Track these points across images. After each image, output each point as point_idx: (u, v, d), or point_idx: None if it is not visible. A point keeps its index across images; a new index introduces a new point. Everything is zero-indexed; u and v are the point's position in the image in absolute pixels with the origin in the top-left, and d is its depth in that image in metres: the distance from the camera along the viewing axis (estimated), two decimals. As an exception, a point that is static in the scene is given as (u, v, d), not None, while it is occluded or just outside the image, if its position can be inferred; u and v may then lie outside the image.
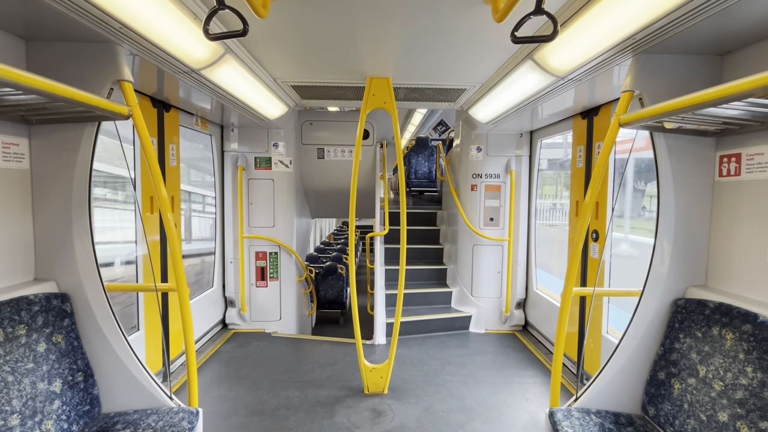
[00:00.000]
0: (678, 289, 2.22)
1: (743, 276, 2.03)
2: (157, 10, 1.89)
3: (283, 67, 3.14)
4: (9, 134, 2.01)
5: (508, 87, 3.18)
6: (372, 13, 2.14)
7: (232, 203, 4.94)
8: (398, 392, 3.50)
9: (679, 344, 2.08)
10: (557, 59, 2.46)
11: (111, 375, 2.20)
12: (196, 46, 2.32)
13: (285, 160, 5.04)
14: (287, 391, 3.48)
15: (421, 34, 2.42)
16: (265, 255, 5.06)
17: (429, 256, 6.05)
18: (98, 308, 2.17)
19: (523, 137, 4.97)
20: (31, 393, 1.83)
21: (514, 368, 4.00)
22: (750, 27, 1.84)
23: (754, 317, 1.77)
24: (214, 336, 4.80)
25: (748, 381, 1.72)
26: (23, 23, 1.92)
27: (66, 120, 2.08)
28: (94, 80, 2.07)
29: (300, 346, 4.54)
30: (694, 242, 2.22)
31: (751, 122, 1.88)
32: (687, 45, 2.05)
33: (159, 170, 2.18)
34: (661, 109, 1.77)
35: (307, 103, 4.45)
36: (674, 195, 2.18)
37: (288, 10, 2.12)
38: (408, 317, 4.83)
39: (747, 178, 2.01)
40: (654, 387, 2.15)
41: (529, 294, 5.05)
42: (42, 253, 2.16)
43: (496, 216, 5.08)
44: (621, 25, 1.89)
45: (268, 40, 2.58)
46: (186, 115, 4.06)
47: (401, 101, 4.15)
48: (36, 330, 1.92)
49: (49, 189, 2.13)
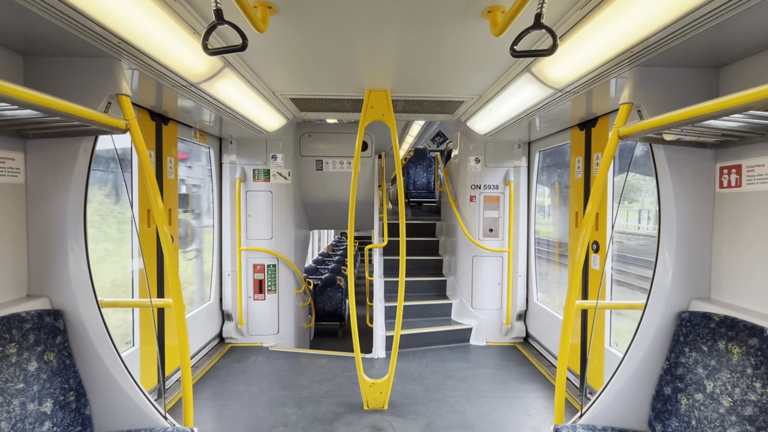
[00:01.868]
0: (682, 302, 2.19)
1: (747, 288, 2.01)
2: (156, 25, 1.89)
3: (282, 81, 3.15)
4: (4, 149, 1.99)
5: (506, 99, 3.19)
6: (370, 27, 2.15)
7: (230, 215, 4.91)
8: (398, 408, 3.43)
9: (684, 358, 2.04)
10: (555, 72, 2.47)
11: (104, 394, 2.14)
12: (195, 60, 2.32)
13: (283, 172, 5.03)
14: (285, 407, 3.40)
15: (419, 47, 2.43)
16: (263, 267, 5.01)
17: (428, 267, 6.00)
18: (92, 325, 2.12)
19: (521, 148, 4.98)
20: (21, 414, 1.77)
21: (516, 382, 3.94)
22: (745, 41, 1.86)
23: (761, 331, 1.74)
24: (211, 351, 4.72)
25: (757, 397, 1.69)
26: (22, 39, 1.92)
27: (62, 134, 2.06)
28: (91, 94, 2.06)
29: (298, 361, 4.47)
30: (696, 254, 2.20)
31: (750, 134, 1.88)
32: (684, 58, 2.07)
33: (156, 184, 2.15)
34: (660, 121, 1.77)
35: (306, 116, 4.46)
36: (675, 207, 2.16)
37: (287, 24, 2.12)
38: (408, 330, 4.76)
39: (748, 189, 2.00)
40: (660, 402, 2.10)
41: (530, 305, 5.01)
42: (35, 268, 2.12)
43: (496, 227, 5.07)
44: (619, 39, 1.90)
45: (267, 54, 2.59)
46: (184, 128, 4.06)
47: (399, 113, 4.16)
48: (27, 348, 1.87)
49: (44, 204, 2.10)
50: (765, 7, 1.53)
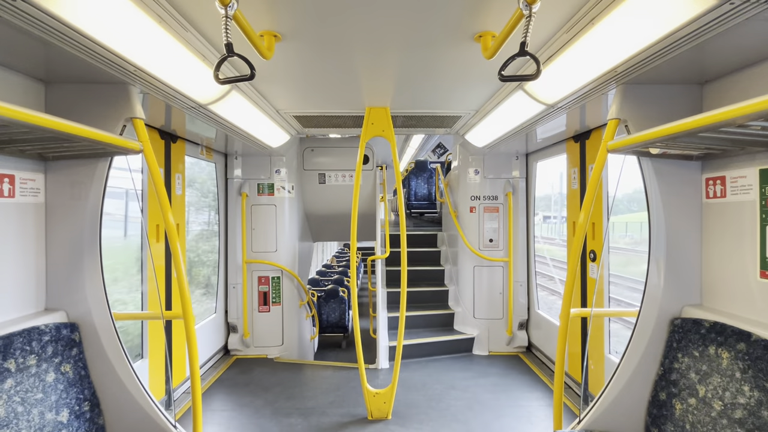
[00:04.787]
0: (674, 309, 2.26)
1: (735, 295, 2.08)
2: (170, 53, 2.03)
3: (286, 100, 3.29)
4: (27, 170, 2.11)
5: (502, 114, 3.31)
6: (369, 51, 2.28)
7: (235, 229, 5.02)
8: (402, 418, 3.47)
9: (677, 364, 2.11)
10: (545, 90, 2.59)
11: (117, 404, 2.22)
12: (205, 84, 2.46)
13: (287, 186, 5.16)
14: (290, 418, 3.45)
15: (416, 68, 2.56)
16: (267, 280, 5.10)
17: (430, 277, 6.07)
18: (106, 337, 2.21)
19: (519, 159, 5.09)
20: (39, 423, 1.86)
21: (519, 391, 3.97)
22: (725, 59, 1.97)
23: (748, 336, 1.81)
24: (217, 362, 4.78)
25: (746, 400, 1.75)
26: (44, 69, 2.06)
27: (80, 156, 2.19)
28: (108, 118, 2.19)
29: (303, 372, 4.52)
30: (687, 262, 2.28)
31: (731, 147, 1.98)
32: (668, 75, 2.18)
33: (167, 201, 2.27)
34: (645, 136, 1.86)
35: (309, 131, 4.60)
36: (664, 217, 2.25)
37: (291, 50, 2.26)
38: (410, 340, 4.82)
39: (732, 199, 2.08)
40: (656, 408, 2.16)
41: (531, 315, 5.05)
42: (53, 283, 2.22)
43: (496, 237, 5.15)
44: (602, 60, 2.01)
45: (273, 78, 2.73)
46: (192, 145, 4.20)
47: (399, 128, 4.29)
48: (45, 360, 1.97)
49: (62, 221, 2.22)
50: (740, 29, 1.63)
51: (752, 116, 1.35)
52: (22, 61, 1.97)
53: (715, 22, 1.50)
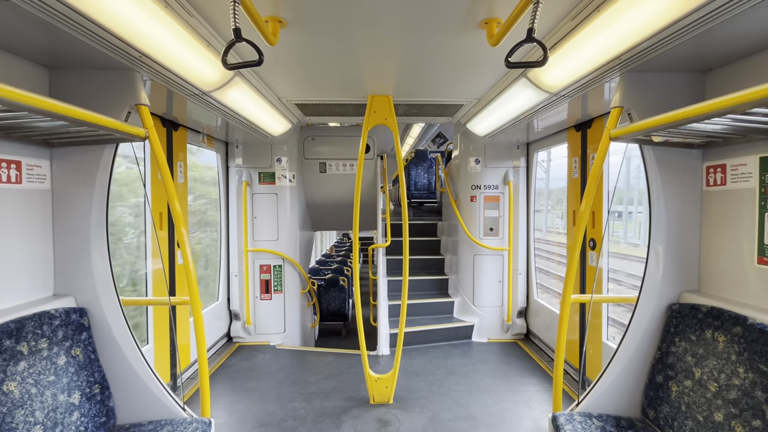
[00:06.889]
0: (672, 295, 2.31)
1: (733, 281, 2.12)
2: (174, 39, 2.02)
3: (288, 87, 3.28)
4: (33, 157, 2.12)
5: (504, 103, 3.32)
6: (373, 37, 2.28)
7: (236, 217, 5.04)
8: (403, 402, 3.55)
9: (675, 348, 2.16)
10: (549, 78, 2.60)
11: (126, 387, 2.27)
12: (209, 70, 2.45)
13: (288, 175, 5.16)
14: (294, 402, 3.52)
15: (419, 55, 2.56)
16: (269, 268, 5.14)
17: (430, 266, 6.13)
18: (114, 322, 2.25)
19: (519, 149, 5.10)
20: (53, 405, 1.90)
21: (518, 376, 4.05)
22: (727, 48, 1.98)
23: (744, 320, 1.85)
24: (220, 349, 4.85)
25: (740, 381, 1.80)
26: (48, 54, 2.05)
27: (86, 142, 2.19)
28: (113, 104, 2.19)
29: (305, 358, 4.59)
30: (686, 249, 2.32)
31: (732, 135, 2.00)
32: (670, 63, 2.19)
33: (173, 188, 2.28)
34: (647, 124, 1.89)
35: (310, 120, 4.59)
36: (665, 204, 2.28)
37: (295, 37, 2.25)
38: (411, 327, 4.88)
39: (732, 187, 2.12)
40: (653, 390, 2.22)
41: (530, 303, 5.12)
42: (61, 269, 2.24)
43: (496, 226, 5.19)
44: (607, 47, 2.02)
45: (276, 64, 2.72)
46: (193, 133, 4.19)
47: (401, 116, 4.29)
48: (56, 343, 2.00)
49: (68, 208, 2.23)
50: (742, 17, 1.65)
51: (754, 104, 1.37)
52: (27, 46, 1.96)
53: (720, 9, 1.51)
